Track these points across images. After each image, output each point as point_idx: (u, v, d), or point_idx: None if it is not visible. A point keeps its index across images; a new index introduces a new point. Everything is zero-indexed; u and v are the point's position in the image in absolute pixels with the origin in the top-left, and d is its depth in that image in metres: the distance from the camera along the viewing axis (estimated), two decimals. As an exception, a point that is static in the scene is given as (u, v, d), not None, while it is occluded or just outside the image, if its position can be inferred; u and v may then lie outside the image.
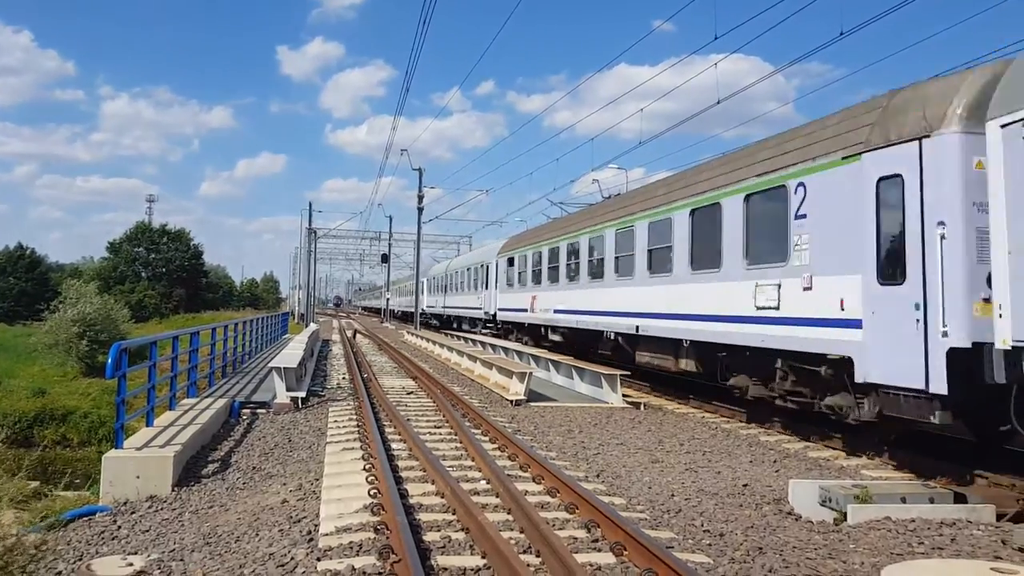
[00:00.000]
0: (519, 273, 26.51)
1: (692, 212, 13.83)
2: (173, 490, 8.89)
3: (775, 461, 10.34)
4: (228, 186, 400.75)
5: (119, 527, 7.75)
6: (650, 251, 15.57)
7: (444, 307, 44.77)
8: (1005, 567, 4.96)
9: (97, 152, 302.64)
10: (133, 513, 8.20)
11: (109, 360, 9.12)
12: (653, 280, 15.34)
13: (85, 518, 8.14)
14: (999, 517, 7.44)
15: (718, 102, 17.50)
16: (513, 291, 27.44)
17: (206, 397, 13.88)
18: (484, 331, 31.81)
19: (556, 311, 21.88)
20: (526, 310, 25.22)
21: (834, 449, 11.03)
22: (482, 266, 33.08)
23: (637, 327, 15.90)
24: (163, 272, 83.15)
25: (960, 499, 7.79)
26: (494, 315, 30.46)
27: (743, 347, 12.02)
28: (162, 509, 8.31)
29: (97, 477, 9.48)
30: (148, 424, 10.64)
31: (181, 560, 6.51)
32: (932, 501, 7.66)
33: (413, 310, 50.61)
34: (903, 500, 7.59)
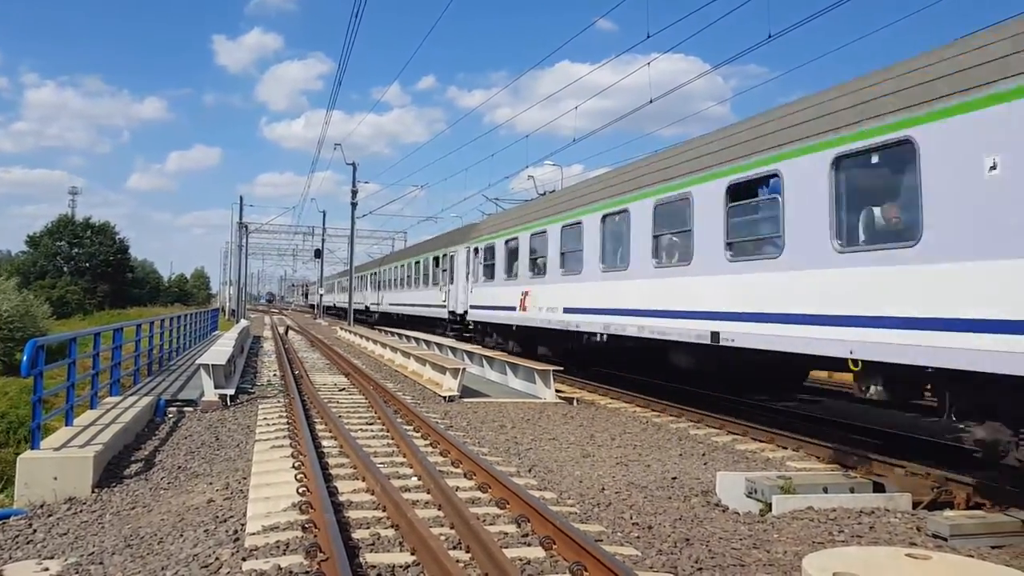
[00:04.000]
0: (506, 263, 20.99)
1: (835, 161, 8.77)
2: (93, 491, 8.59)
3: (704, 454, 10.53)
4: (159, 179, 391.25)
5: (35, 531, 7.46)
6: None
7: (392, 304, 39.21)
8: (919, 552, 5.14)
9: (20, 142, 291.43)
10: (50, 516, 7.90)
11: (24, 357, 8.75)
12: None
13: (-2, 522, 7.82)
14: (915, 505, 7.73)
15: (651, 101, 17.75)
16: (494, 285, 21.87)
17: (130, 395, 13.47)
18: (450, 333, 27.04)
19: (568, 310, 16.51)
20: (514, 308, 19.91)
21: (761, 442, 11.29)
22: (444, 256, 28.41)
23: (717, 333, 10.79)
24: (86, 267, 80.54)
25: (879, 488, 8.06)
26: (463, 314, 25.34)
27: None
28: (81, 511, 8.03)
29: (12, 480, 9.12)
30: (67, 423, 10.28)
31: (100, 563, 6.29)
32: (853, 491, 7.91)
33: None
34: (825, 490, 7.82)
